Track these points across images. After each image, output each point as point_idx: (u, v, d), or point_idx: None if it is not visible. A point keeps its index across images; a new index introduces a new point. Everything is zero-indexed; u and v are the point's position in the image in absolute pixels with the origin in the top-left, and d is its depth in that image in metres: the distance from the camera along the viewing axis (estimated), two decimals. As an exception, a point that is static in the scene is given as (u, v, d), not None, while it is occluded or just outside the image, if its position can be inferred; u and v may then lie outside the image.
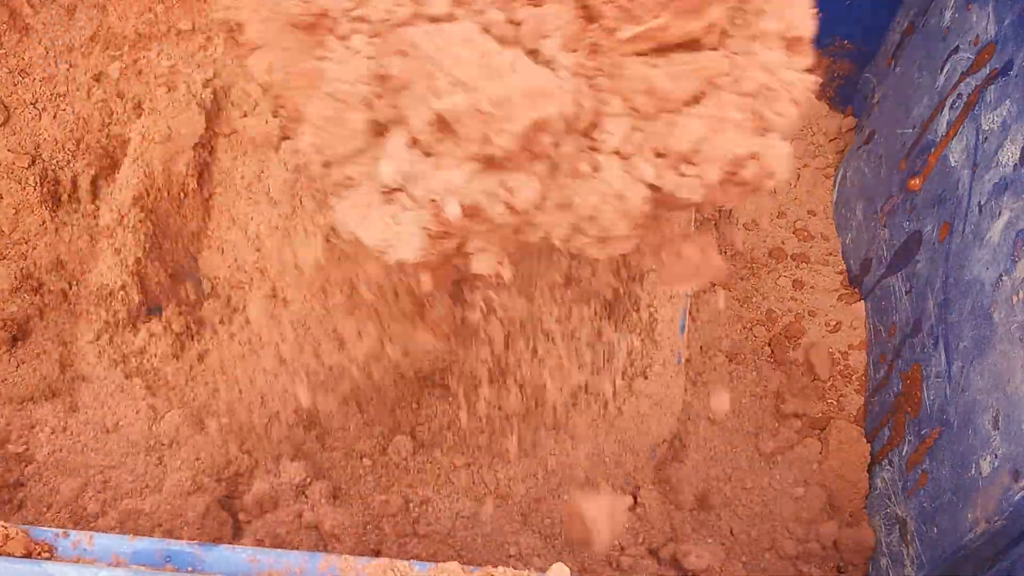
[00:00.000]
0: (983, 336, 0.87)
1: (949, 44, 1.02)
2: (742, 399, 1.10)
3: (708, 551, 0.95)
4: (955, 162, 0.97)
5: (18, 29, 1.10)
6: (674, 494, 1.00)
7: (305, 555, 0.64)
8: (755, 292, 1.18)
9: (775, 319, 1.16)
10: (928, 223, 1.00)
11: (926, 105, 1.05)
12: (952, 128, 0.99)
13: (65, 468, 0.91)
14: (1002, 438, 0.81)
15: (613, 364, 0.99)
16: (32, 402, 0.96)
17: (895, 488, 0.98)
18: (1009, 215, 0.86)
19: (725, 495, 1.02)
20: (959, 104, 0.98)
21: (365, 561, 0.63)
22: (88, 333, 0.96)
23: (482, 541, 0.90)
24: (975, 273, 0.90)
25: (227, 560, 0.64)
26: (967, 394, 0.88)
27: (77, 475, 0.91)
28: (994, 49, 0.93)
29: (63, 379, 0.99)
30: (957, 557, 0.86)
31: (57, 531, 0.64)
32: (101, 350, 0.95)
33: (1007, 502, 0.79)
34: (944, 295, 0.95)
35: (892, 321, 1.04)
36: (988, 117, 0.92)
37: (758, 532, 1.01)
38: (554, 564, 0.61)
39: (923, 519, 0.92)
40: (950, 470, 0.88)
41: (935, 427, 0.92)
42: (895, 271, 1.05)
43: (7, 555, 0.61)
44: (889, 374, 1.03)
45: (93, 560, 0.64)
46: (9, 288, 1.03)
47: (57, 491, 0.89)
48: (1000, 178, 0.89)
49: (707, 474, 1.03)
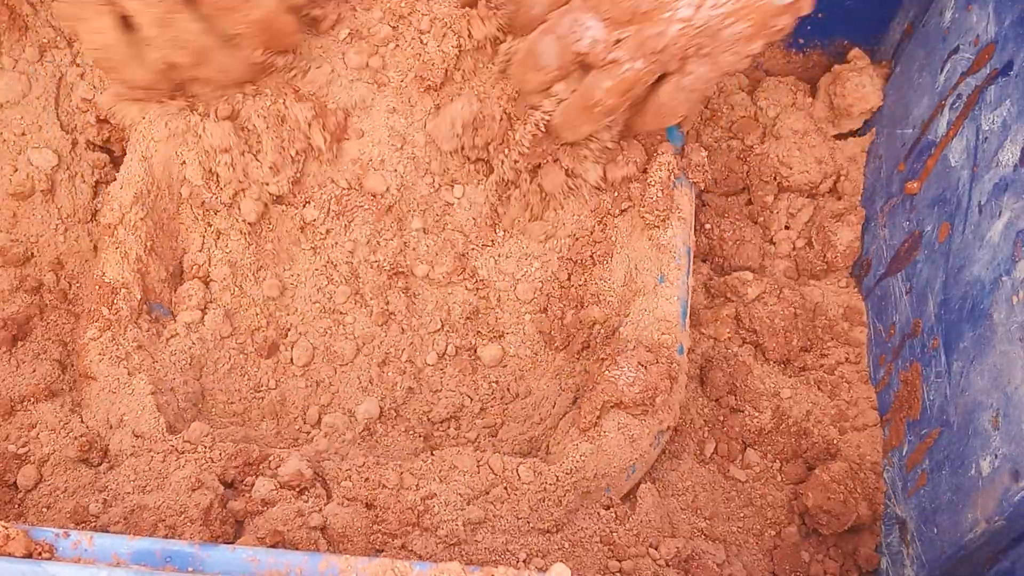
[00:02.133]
0: (983, 336, 0.87)
1: (949, 44, 1.02)
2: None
3: (709, 550, 0.95)
4: (955, 162, 0.97)
5: (16, 28, 1.10)
6: (672, 489, 1.00)
7: (305, 555, 0.64)
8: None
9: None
10: (928, 223, 1.00)
11: (926, 105, 1.05)
12: (952, 128, 0.99)
13: (66, 467, 0.91)
14: (1002, 438, 0.82)
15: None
16: (32, 402, 0.95)
17: (895, 488, 0.98)
18: (1009, 215, 0.86)
19: (723, 493, 1.02)
20: (959, 104, 0.98)
21: (365, 561, 0.63)
22: (90, 330, 0.95)
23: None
24: (975, 273, 0.90)
25: (228, 560, 0.65)
26: (967, 394, 0.88)
27: (78, 474, 0.91)
28: (994, 49, 0.93)
29: (63, 379, 0.99)
30: (957, 557, 0.86)
31: (57, 531, 0.64)
32: (103, 347, 0.95)
33: (1007, 502, 0.80)
34: (944, 295, 0.95)
35: (892, 321, 1.04)
36: (988, 117, 0.92)
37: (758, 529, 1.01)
38: (554, 564, 0.61)
39: (923, 519, 0.92)
40: (950, 470, 0.88)
41: (935, 427, 0.92)
42: (895, 271, 1.05)
43: (7, 555, 0.61)
44: (889, 374, 1.03)
45: (93, 560, 0.64)
46: (9, 288, 1.03)
47: (58, 490, 0.89)
48: (1000, 178, 0.89)
49: (704, 472, 1.03)
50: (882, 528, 0.99)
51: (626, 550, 0.90)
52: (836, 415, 1.05)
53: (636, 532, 0.92)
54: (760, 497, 1.01)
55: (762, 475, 1.02)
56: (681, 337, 0.99)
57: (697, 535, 0.97)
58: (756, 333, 1.09)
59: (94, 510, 0.85)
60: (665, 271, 1.00)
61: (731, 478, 1.02)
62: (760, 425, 1.03)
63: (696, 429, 1.04)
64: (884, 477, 1.01)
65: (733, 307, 1.10)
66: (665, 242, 1.01)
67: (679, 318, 0.99)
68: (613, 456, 0.93)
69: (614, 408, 0.94)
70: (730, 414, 1.05)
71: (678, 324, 0.99)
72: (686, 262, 1.01)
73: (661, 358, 0.95)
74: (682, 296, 1.00)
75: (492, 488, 0.91)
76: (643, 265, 1.02)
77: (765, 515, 1.00)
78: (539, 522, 0.91)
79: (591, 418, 0.94)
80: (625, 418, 0.94)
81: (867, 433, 1.04)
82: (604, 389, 0.93)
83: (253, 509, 0.85)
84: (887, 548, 0.98)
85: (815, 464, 1.01)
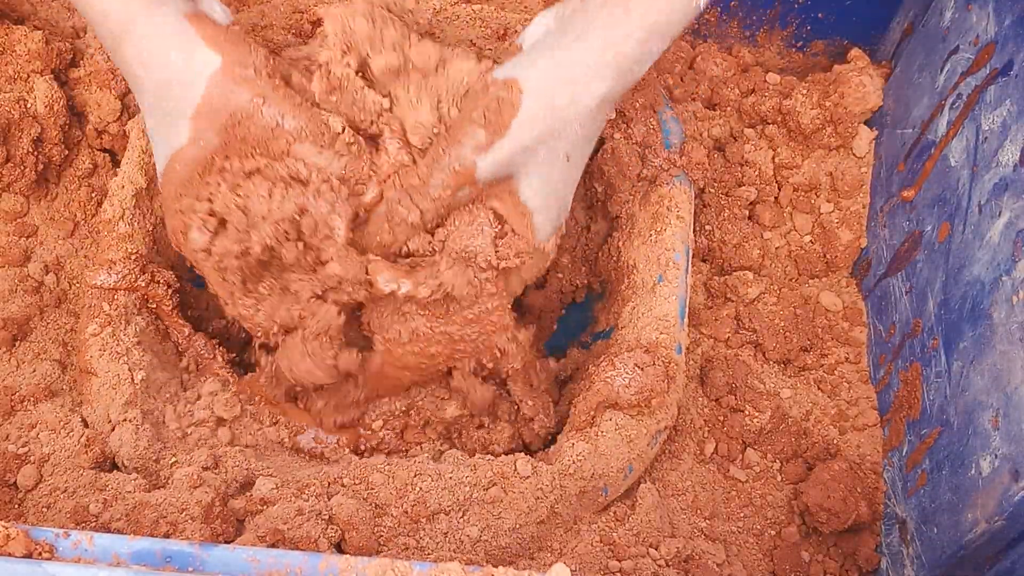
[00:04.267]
0: (983, 336, 0.87)
1: (949, 44, 1.02)
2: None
3: (709, 550, 0.95)
4: (955, 162, 0.97)
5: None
6: (672, 489, 1.00)
7: (305, 555, 0.64)
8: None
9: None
10: (928, 223, 1.00)
11: (926, 105, 1.05)
12: (952, 128, 0.99)
13: (67, 466, 0.91)
14: (1002, 438, 0.82)
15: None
16: (32, 402, 0.95)
17: (895, 488, 0.98)
18: (1009, 215, 0.86)
19: (723, 492, 1.02)
20: (959, 104, 0.98)
21: (365, 561, 0.63)
22: (91, 326, 0.95)
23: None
24: (975, 273, 0.90)
25: (228, 560, 0.65)
26: (967, 394, 0.88)
27: (78, 474, 0.91)
28: (994, 49, 0.93)
29: (63, 379, 0.99)
30: (957, 557, 0.86)
31: (57, 531, 0.64)
32: (104, 343, 0.95)
33: (1007, 502, 0.80)
34: (944, 295, 0.95)
35: (892, 321, 1.04)
36: (988, 117, 0.92)
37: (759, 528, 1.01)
38: (554, 564, 0.61)
39: (923, 519, 0.92)
40: (950, 470, 0.88)
41: (935, 427, 0.92)
42: (895, 271, 1.05)
43: (7, 555, 0.61)
44: (889, 374, 1.03)
45: (93, 560, 0.64)
46: (9, 288, 1.03)
47: (58, 490, 0.89)
48: (1000, 178, 0.89)
49: (704, 472, 1.03)
50: (882, 528, 0.99)
51: (626, 550, 0.90)
52: (836, 415, 1.05)
53: (636, 532, 0.92)
54: (760, 497, 1.01)
55: (762, 475, 1.02)
56: (679, 336, 0.98)
57: (697, 535, 0.97)
58: (756, 333, 1.09)
59: (94, 510, 0.85)
60: (664, 270, 1.00)
61: (731, 478, 1.02)
62: (760, 425, 1.03)
63: (696, 429, 1.04)
64: (884, 477, 1.01)
65: (733, 307, 1.10)
66: (664, 241, 1.01)
67: (677, 317, 0.99)
68: (610, 456, 0.93)
69: (609, 408, 0.94)
70: (730, 414, 1.05)
71: (676, 323, 0.98)
72: (685, 261, 1.01)
73: (658, 359, 0.95)
74: (680, 295, 1.00)
75: (491, 487, 0.91)
76: (642, 264, 1.02)
77: (765, 515, 1.00)
78: (537, 521, 0.91)
79: (586, 418, 0.94)
80: (622, 418, 0.94)
81: (867, 433, 1.04)
82: (599, 390, 0.93)
83: (253, 508, 0.86)
84: (887, 548, 0.98)
85: (815, 464, 1.01)
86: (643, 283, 1.01)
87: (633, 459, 0.94)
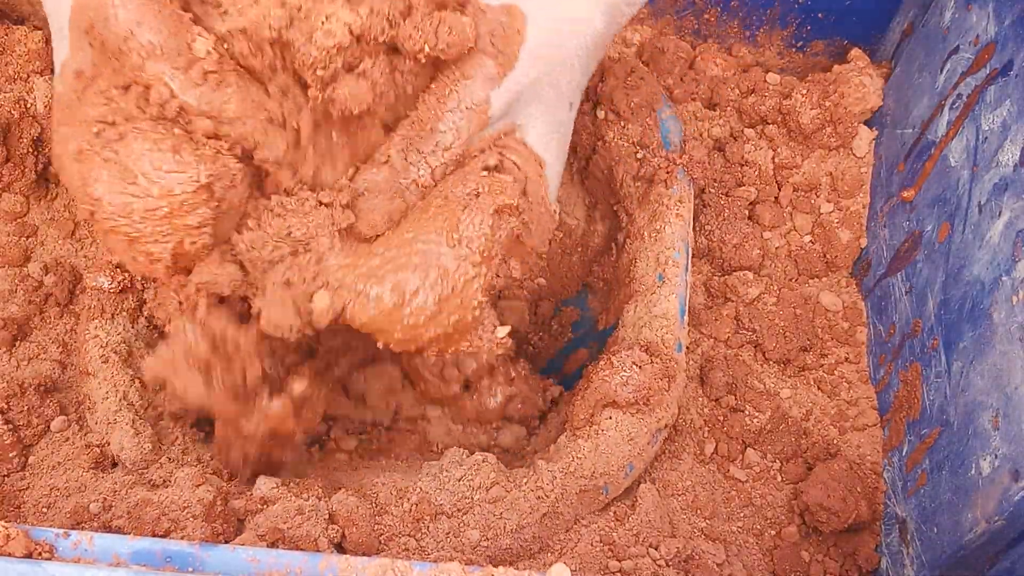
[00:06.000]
0: (983, 336, 0.87)
1: (949, 44, 1.02)
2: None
3: (709, 550, 0.95)
4: (955, 162, 0.97)
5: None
6: (672, 489, 1.00)
7: (305, 555, 0.64)
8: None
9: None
10: (928, 223, 1.00)
11: (926, 105, 1.05)
12: (952, 128, 0.99)
13: (67, 466, 0.91)
14: (1002, 438, 0.82)
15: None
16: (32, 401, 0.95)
17: (895, 488, 0.98)
18: (1009, 215, 0.86)
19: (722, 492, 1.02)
20: (959, 104, 0.98)
21: (365, 561, 0.63)
22: (90, 327, 0.95)
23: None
24: (975, 273, 0.90)
25: (228, 560, 0.65)
26: (967, 394, 0.88)
27: (78, 474, 0.91)
28: (994, 49, 0.93)
29: (64, 379, 0.99)
30: (957, 557, 0.86)
31: (57, 531, 0.64)
32: (103, 344, 0.95)
33: (1007, 502, 0.80)
34: (944, 295, 0.95)
35: (892, 321, 1.04)
36: (988, 117, 0.92)
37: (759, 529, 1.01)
38: (554, 564, 0.61)
39: (923, 519, 0.92)
40: (950, 470, 0.88)
41: (935, 427, 0.92)
42: (895, 271, 1.05)
43: (7, 555, 0.61)
44: (889, 374, 1.03)
45: (93, 560, 0.64)
46: (9, 288, 1.03)
47: (58, 490, 0.89)
48: (1000, 178, 0.89)
49: (704, 472, 1.03)
50: (882, 528, 0.99)
51: (626, 550, 0.90)
52: (836, 415, 1.05)
53: (636, 532, 0.92)
54: (760, 497, 1.01)
55: (762, 475, 1.02)
56: (680, 334, 0.98)
57: (697, 535, 0.97)
58: (756, 333, 1.09)
59: (94, 510, 0.85)
60: (663, 269, 1.00)
61: (731, 478, 1.02)
62: (760, 425, 1.03)
63: (696, 429, 1.04)
64: (884, 477, 1.01)
65: (733, 307, 1.10)
66: (664, 239, 1.01)
67: (677, 315, 0.99)
68: (610, 454, 0.93)
69: (608, 407, 0.94)
70: (730, 414, 1.05)
71: (676, 321, 0.98)
72: (684, 259, 1.01)
73: (657, 358, 0.95)
74: (680, 294, 1.00)
75: (492, 487, 0.91)
76: (642, 263, 1.02)
77: (765, 515, 1.00)
78: (537, 521, 0.91)
79: (584, 417, 0.94)
80: (622, 416, 0.94)
81: (867, 433, 1.04)
82: (597, 388, 0.93)
83: (253, 507, 0.86)
84: (887, 548, 0.98)
85: (815, 464, 1.01)
86: (643, 282, 1.01)
87: (633, 457, 0.94)
